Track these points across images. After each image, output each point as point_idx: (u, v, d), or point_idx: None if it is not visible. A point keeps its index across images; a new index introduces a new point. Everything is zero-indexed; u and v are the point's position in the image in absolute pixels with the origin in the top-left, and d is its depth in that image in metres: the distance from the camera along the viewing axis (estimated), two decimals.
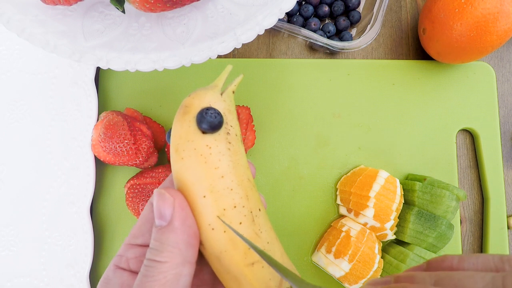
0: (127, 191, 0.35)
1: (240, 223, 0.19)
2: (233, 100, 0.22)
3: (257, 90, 0.39)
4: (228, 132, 0.20)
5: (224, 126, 0.20)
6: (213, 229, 0.18)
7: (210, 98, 0.20)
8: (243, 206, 0.19)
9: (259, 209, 0.20)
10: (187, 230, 0.18)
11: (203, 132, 0.19)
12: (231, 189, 0.19)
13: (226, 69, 0.22)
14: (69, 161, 0.36)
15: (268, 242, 0.20)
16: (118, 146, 0.33)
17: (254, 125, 0.37)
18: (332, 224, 0.37)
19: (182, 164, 0.19)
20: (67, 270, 0.35)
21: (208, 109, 0.19)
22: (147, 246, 0.20)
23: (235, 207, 0.19)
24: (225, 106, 0.20)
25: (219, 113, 0.19)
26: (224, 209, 0.18)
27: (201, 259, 0.22)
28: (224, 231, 0.18)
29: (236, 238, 0.18)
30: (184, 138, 0.19)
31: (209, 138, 0.19)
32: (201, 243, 0.19)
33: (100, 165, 0.38)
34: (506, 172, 0.39)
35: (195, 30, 0.30)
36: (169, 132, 0.21)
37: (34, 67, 0.38)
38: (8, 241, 0.36)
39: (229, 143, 0.20)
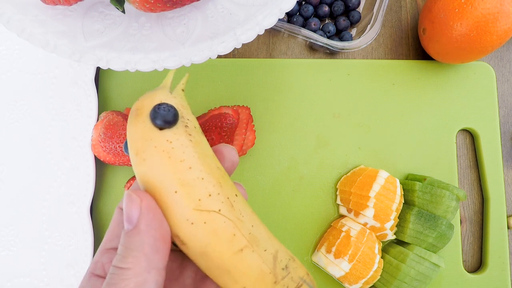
0: None
1: (219, 210, 0.18)
2: (183, 96, 0.21)
3: (257, 90, 0.39)
4: (186, 125, 0.20)
5: (180, 119, 0.19)
6: (192, 223, 0.18)
7: (160, 96, 0.20)
8: (218, 193, 0.18)
9: (236, 195, 0.19)
10: (153, 233, 0.17)
11: (160, 129, 0.19)
12: (202, 178, 0.18)
13: (171, 70, 0.22)
14: (69, 161, 0.36)
15: (252, 226, 0.19)
16: (118, 146, 0.33)
17: (254, 125, 0.37)
18: (332, 224, 0.37)
19: (145, 165, 0.18)
20: (67, 270, 0.35)
21: (160, 105, 0.19)
22: None
23: (210, 195, 0.18)
24: (177, 102, 0.20)
25: (172, 107, 0.19)
26: (199, 200, 0.18)
27: (182, 263, 0.21)
28: (204, 222, 0.18)
29: (218, 228, 0.18)
30: (142, 139, 0.18)
31: (168, 133, 0.19)
32: (182, 243, 0.18)
33: (100, 165, 0.38)
34: (506, 172, 0.39)
35: (195, 30, 0.29)
36: (126, 143, 0.20)
37: (34, 67, 0.38)
38: (8, 241, 0.36)
39: (190, 135, 0.19)
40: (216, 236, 0.18)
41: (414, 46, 0.41)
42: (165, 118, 0.18)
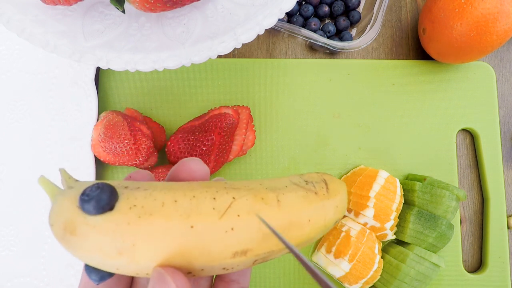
0: None
1: (233, 198, 0.17)
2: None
3: (257, 90, 0.39)
4: (125, 186, 0.16)
5: (115, 188, 0.16)
6: (232, 228, 0.16)
7: (69, 196, 0.15)
8: (216, 191, 0.17)
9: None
10: None
11: (110, 209, 0.15)
12: (193, 196, 0.16)
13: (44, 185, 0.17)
14: (69, 161, 0.36)
15: (252, 184, 0.18)
16: (118, 146, 0.33)
17: (254, 125, 0.37)
18: None
19: (138, 248, 0.14)
20: (67, 270, 0.35)
21: (82, 195, 0.15)
22: None
23: (214, 198, 0.16)
24: (82, 183, 0.16)
25: (95, 183, 0.15)
26: (214, 208, 0.16)
27: None
28: (238, 215, 0.16)
29: (250, 205, 0.16)
30: (108, 235, 0.14)
31: (122, 203, 0.15)
32: (245, 252, 0.16)
33: (100, 165, 0.38)
34: (506, 172, 0.39)
35: (195, 30, 0.29)
36: (90, 269, 0.16)
37: (34, 67, 0.38)
38: (8, 241, 0.36)
39: (138, 188, 0.16)
40: (258, 207, 0.16)
41: (414, 46, 0.41)
42: (106, 193, 0.15)
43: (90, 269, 0.16)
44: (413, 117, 0.39)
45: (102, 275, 0.16)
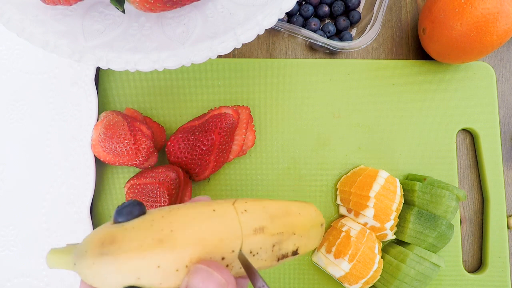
0: (127, 191, 0.35)
1: (234, 202, 0.20)
2: None
3: (257, 90, 0.39)
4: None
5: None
6: (245, 210, 0.19)
7: (105, 228, 0.17)
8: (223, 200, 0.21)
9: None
10: None
11: (144, 213, 0.18)
12: (210, 201, 0.20)
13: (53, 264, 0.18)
14: (69, 161, 0.36)
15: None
16: (118, 146, 0.33)
17: (254, 125, 0.37)
18: (332, 224, 0.37)
19: (183, 237, 0.17)
20: (67, 270, 0.35)
21: (118, 207, 0.17)
22: None
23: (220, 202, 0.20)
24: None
25: (126, 201, 0.18)
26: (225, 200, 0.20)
27: None
28: (246, 202, 0.20)
29: (251, 204, 0.20)
30: (145, 236, 0.16)
31: (154, 209, 0.18)
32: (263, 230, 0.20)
33: (100, 165, 0.38)
34: (506, 172, 0.39)
35: (195, 30, 0.30)
36: None
37: (34, 67, 0.38)
38: (8, 241, 0.36)
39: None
40: (259, 201, 0.21)
41: (414, 46, 0.41)
42: (137, 203, 0.17)
43: None
44: (413, 117, 0.39)
45: None
